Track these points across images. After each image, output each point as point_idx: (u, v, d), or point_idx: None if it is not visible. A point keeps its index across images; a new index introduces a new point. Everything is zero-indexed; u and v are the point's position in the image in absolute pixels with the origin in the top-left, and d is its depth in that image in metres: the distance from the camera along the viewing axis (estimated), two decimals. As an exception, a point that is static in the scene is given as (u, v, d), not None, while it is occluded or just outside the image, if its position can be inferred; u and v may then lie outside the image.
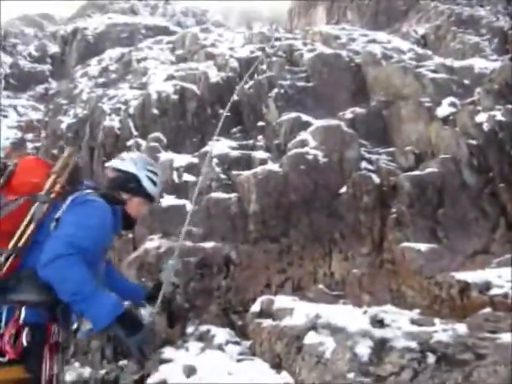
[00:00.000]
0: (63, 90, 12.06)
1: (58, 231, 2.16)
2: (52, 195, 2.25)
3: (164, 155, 6.86)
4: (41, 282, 2.06)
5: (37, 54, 16.24)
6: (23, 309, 2.10)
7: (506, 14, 11.21)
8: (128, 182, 2.51)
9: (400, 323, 3.67)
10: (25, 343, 2.03)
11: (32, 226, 2.18)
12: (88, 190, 2.32)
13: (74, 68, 13.83)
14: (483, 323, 3.45)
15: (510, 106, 6.19)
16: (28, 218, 2.18)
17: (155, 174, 2.56)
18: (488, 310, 3.69)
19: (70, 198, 2.25)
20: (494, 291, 3.87)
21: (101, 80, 11.19)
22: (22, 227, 2.17)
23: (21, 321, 2.06)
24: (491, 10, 11.61)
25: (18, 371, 2.01)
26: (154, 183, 2.53)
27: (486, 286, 3.94)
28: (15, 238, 2.16)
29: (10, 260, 2.13)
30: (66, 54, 15.71)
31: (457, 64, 8.27)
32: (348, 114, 6.88)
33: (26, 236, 2.16)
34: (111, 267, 2.61)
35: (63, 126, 9.10)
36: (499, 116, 5.94)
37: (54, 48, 16.55)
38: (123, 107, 8.32)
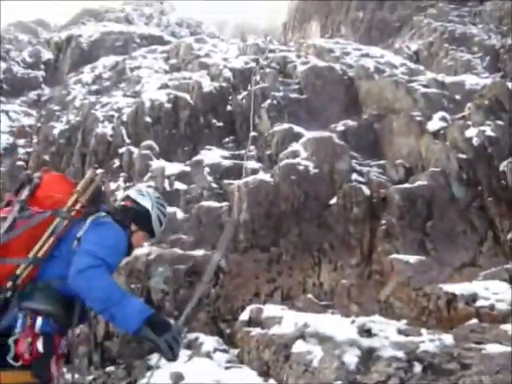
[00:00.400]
0: (56, 97, 12.06)
1: (81, 247, 2.26)
2: (72, 213, 2.37)
3: (156, 163, 6.87)
4: (56, 294, 2.20)
5: (30, 60, 16.23)
6: (40, 318, 2.19)
7: (498, 32, 11.41)
8: (141, 217, 2.62)
9: (387, 333, 3.69)
10: (41, 351, 2.12)
11: (52, 240, 2.28)
12: (104, 213, 2.43)
13: (67, 75, 13.85)
14: (469, 334, 3.49)
15: (499, 122, 6.29)
16: (49, 231, 2.29)
17: (164, 215, 2.73)
18: (474, 321, 3.73)
19: (90, 219, 2.37)
20: (480, 303, 3.91)
21: (94, 87, 11.21)
22: (42, 239, 2.27)
23: (37, 330, 2.15)
24: (483, 28, 11.83)
25: (27, 376, 2.10)
26: (161, 223, 2.70)
27: (473, 298, 3.98)
28: (35, 249, 2.25)
29: (29, 269, 2.22)
30: (59, 60, 15.73)
31: (448, 79, 8.40)
32: (340, 127, 6.95)
33: (45, 248, 2.26)
34: None
35: (55, 131, 9.08)
36: (489, 131, 6.04)
37: (47, 54, 16.55)
38: (116, 114, 8.34)
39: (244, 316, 4.66)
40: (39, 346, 2.15)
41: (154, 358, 4.55)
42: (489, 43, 10.93)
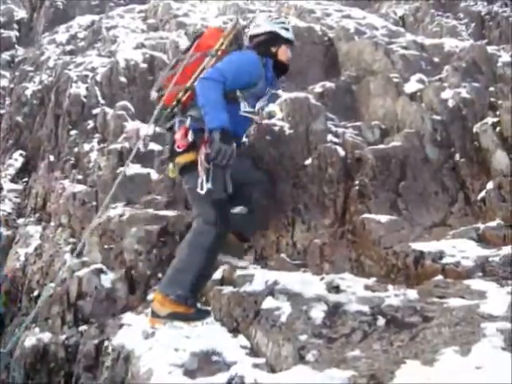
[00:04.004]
0: (29, 57, 11.68)
1: None
2: (218, 52, 3.52)
3: (131, 124, 6.75)
4: None
5: (3, 19, 15.61)
6: (189, 119, 3.40)
7: (484, -1, 11.29)
8: (272, 38, 3.64)
9: (355, 289, 3.76)
10: (190, 139, 3.36)
11: (204, 72, 3.42)
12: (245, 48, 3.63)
13: (41, 35, 13.39)
14: (433, 289, 3.56)
15: (475, 84, 6.28)
16: (202, 66, 3.46)
17: (283, 23, 3.80)
18: (440, 277, 3.80)
19: (231, 53, 3.47)
20: (446, 260, 3.97)
21: (69, 47, 10.88)
22: (197, 72, 3.44)
23: (187, 125, 3.38)
24: (469, -7, 11.66)
25: (188, 157, 3.45)
26: (287, 29, 3.75)
27: (440, 256, 4.05)
28: (192, 79, 3.44)
29: (187, 94, 3.45)
30: (33, 20, 15.16)
31: (428, 42, 8.32)
32: (318, 88, 6.86)
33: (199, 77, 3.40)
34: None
35: (28, 92, 8.84)
36: (464, 93, 6.02)
37: (21, 13, 15.93)
38: (90, 74, 8.13)
39: (217, 275, 4.69)
40: (189, 137, 3.35)
41: (126, 317, 4.59)
42: (475, 9, 10.81)
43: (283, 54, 3.69)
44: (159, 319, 3.58)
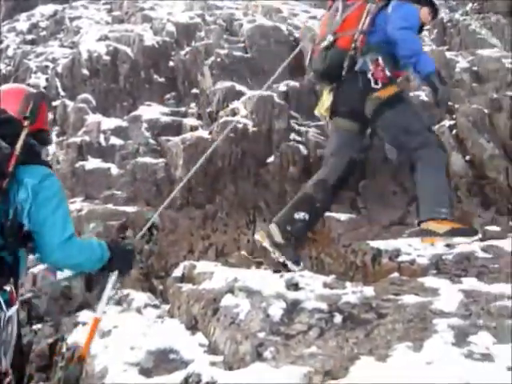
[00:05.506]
0: (-13, 45, 11.26)
1: (391, 19, 3.81)
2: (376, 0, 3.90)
3: (92, 117, 6.61)
4: (382, 50, 3.81)
5: (-40, 5, 14.96)
6: (380, 57, 3.76)
7: (447, 6, 11.57)
8: None
9: (313, 286, 3.79)
10: (388, 74, 3.81)
11: (369, 18, 3.82)
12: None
13: (1, 22, 12.91)
14: (389, 286, 3.63)
15: (433, 88, 6.44)
16: (365, 12, 3.84)
17: None
18: (395, 274, 3.88)
19: (392, 3, 3.85)
20: (402, 258, 4.06)
21: (29, 37, 10.56)
22: (363, 17, 3.82)
23: (380, 62, 3.77)
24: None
25: (393, 88, 3.87)
26: None
27: (396, 254, 4.13)
28: (360, 24, 3.82)
29: (361, 37, 3.80)
30: (-8, 7, 14.60)
31: (390, 45, 8.48)
32: (282, 87, 6.90)
33: (366, 23, 3.82)
34: None
35: (-16, 81, 8.51)
36: (423, 96, 6.19)
37: (-21, 0, 15.31)
38: (51, 65, 7.91)
39: (177, 272, 4.65)
40: (387, 72, 3.75)
41: (83, 314, 4.49)
42: (438, 17, 11.08)
43: (423, 14, 3.97)
44: (438, 237, 3.84)
